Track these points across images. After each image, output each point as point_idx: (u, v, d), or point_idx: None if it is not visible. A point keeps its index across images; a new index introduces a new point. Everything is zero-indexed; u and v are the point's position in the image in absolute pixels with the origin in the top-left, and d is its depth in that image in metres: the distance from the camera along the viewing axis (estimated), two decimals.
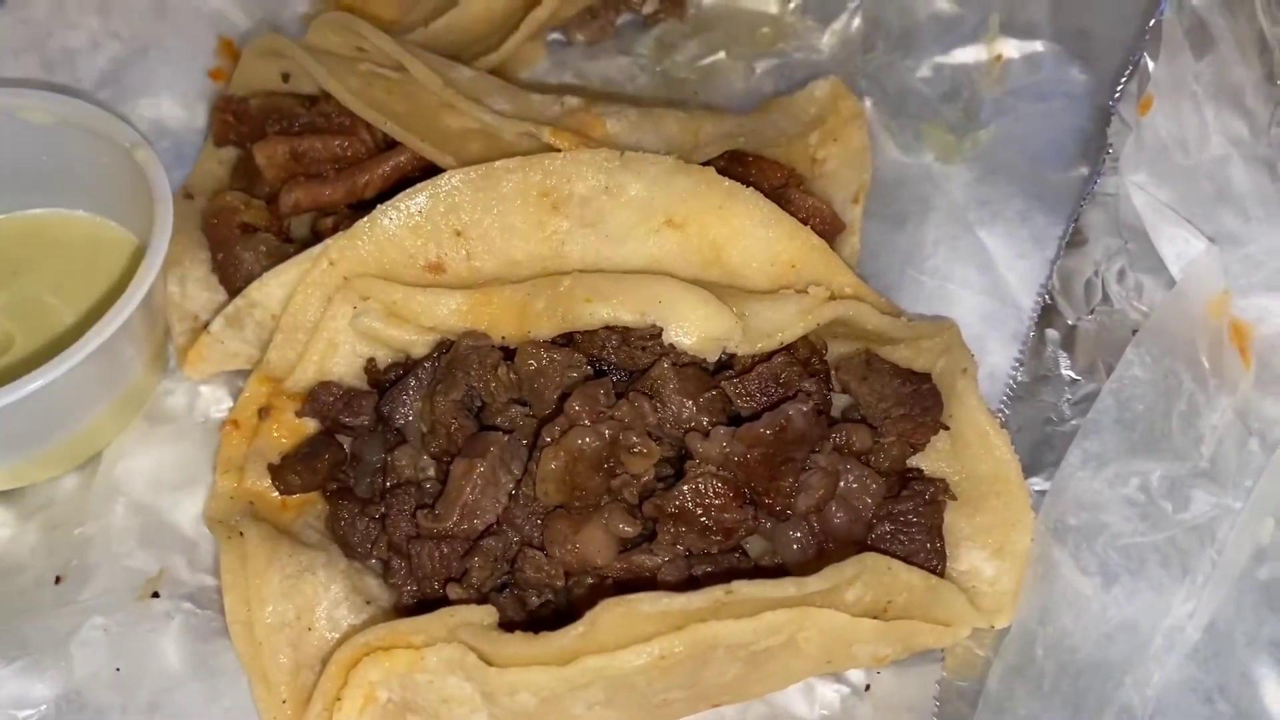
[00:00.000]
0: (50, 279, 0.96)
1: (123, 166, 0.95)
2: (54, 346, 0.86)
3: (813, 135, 1.06)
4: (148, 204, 0.92)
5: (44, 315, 0.94)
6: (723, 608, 0.69)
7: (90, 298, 0.95)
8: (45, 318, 0.94)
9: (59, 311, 0.95)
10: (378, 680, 0.73)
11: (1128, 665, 0.72)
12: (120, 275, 0.97)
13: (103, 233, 1.00)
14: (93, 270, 0.97)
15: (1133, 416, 0.80)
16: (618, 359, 0.84)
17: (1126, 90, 0.94)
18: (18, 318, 0.94)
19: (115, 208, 0.99)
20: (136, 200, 0.94)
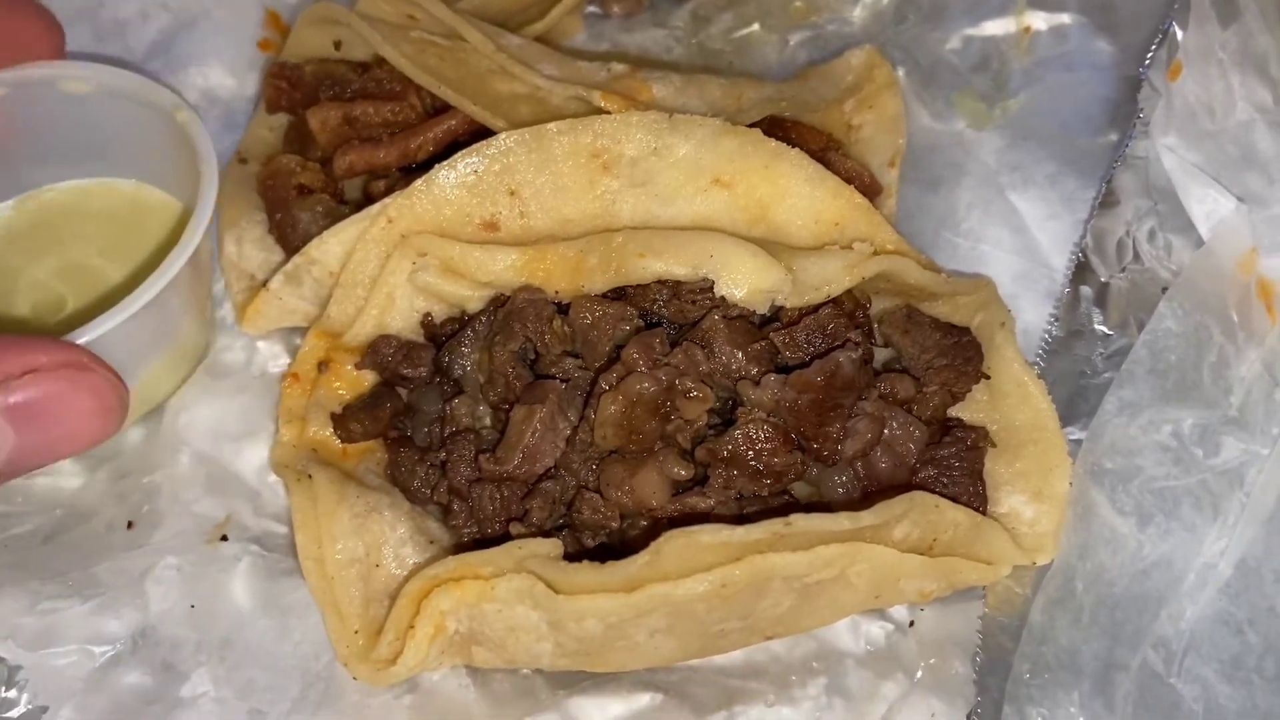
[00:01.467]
0: (98, 244, 0.99)
1: (165, 131, 0.96)
2: (104, 305, 0.87)
3: (848, 103, 1.09)
4: (192, 167, 0.93)
5: (93, 278, 0.97)
6: (780, 540, 0.72)
7: (137, 259, 0.97)
8: (95, 280, 0.96)
9: (107, 273, 0.97)
10: (448, 610, 0.76)
11: (1163, 599, 0.76)
12: (166, 237, 0.99)
13: (148, 198, 1.02)
14: (139, 234, 0.99)
15: (1165, 367, 0.83)
16: (668, 312, 0.87)
17: (1156, 57, 0.98)
18: (68, 281, 0.96)
19: (160, 173, 1.01)
20: (181, 164, 0.96)
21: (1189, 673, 0.74)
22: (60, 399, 0.62)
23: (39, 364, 0.61)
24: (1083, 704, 0.73)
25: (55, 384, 0.62)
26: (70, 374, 0.63)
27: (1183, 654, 0.75)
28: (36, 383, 0.61)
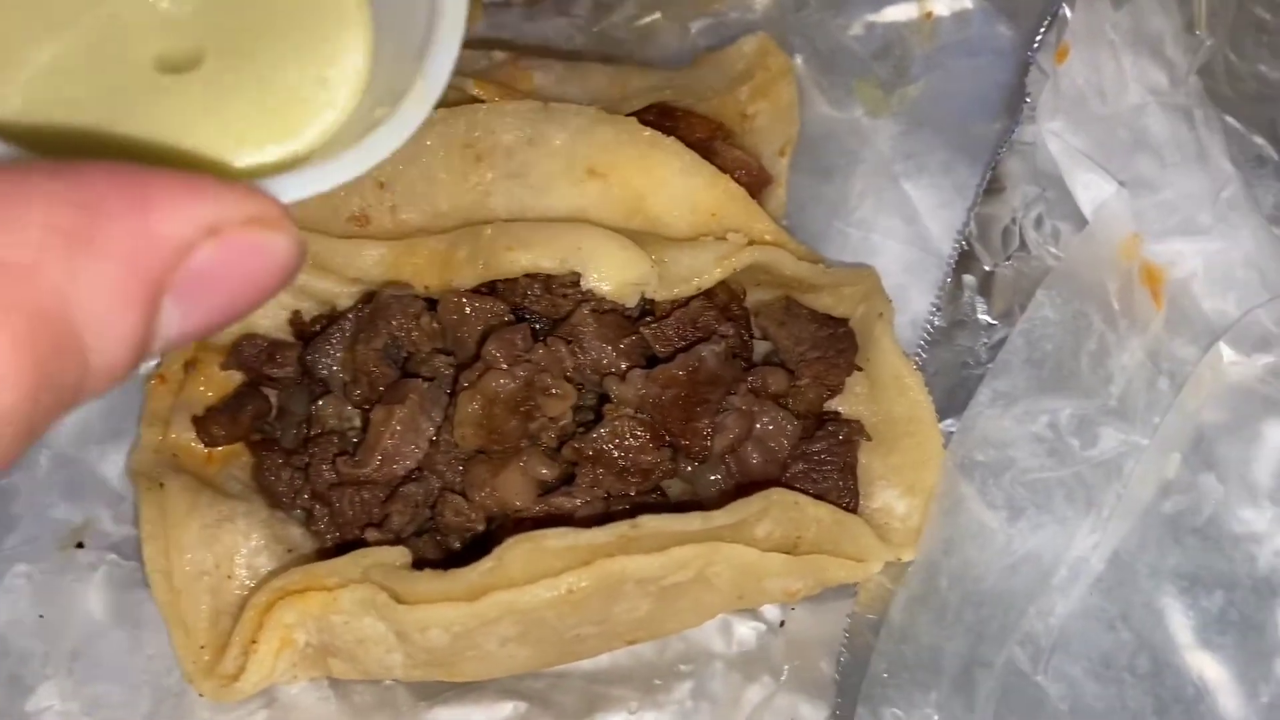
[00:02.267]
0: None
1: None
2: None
3: (743, 90, 1.07)
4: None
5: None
6: (630, 543, 0.70)
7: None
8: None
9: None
10: (293, 623, 0.73)
11: (1031, 595, 0.74)
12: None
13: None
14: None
15: (1042, 356, 0.81)
16: (540, 307, 0.85)
17: (1045, 40, 0.95)
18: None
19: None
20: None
21: (1056, 670, 0.72)
22: (238, 268, 0.43)
23: (224, 221, 0.42)
24: (940, 704, 0.71)
25: (236, 251, 0.43)
26: (257, 234, 0.43)
27: (1050, 651, 0.73)
28: (217, 249, 0.42)
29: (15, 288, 0.37)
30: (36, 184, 0.39)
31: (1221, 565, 0.76)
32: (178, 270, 0.41)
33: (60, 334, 0.38)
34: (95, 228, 0.39)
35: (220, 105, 0.56)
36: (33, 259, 0.38)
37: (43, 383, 0.38)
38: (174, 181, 0.42)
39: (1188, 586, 0.75)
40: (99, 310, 0.39)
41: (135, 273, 0.40)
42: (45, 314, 0.38)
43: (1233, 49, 0.99)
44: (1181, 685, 0.73)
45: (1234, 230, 0.88)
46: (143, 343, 0.41)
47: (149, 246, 0.40)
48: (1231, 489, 0.78)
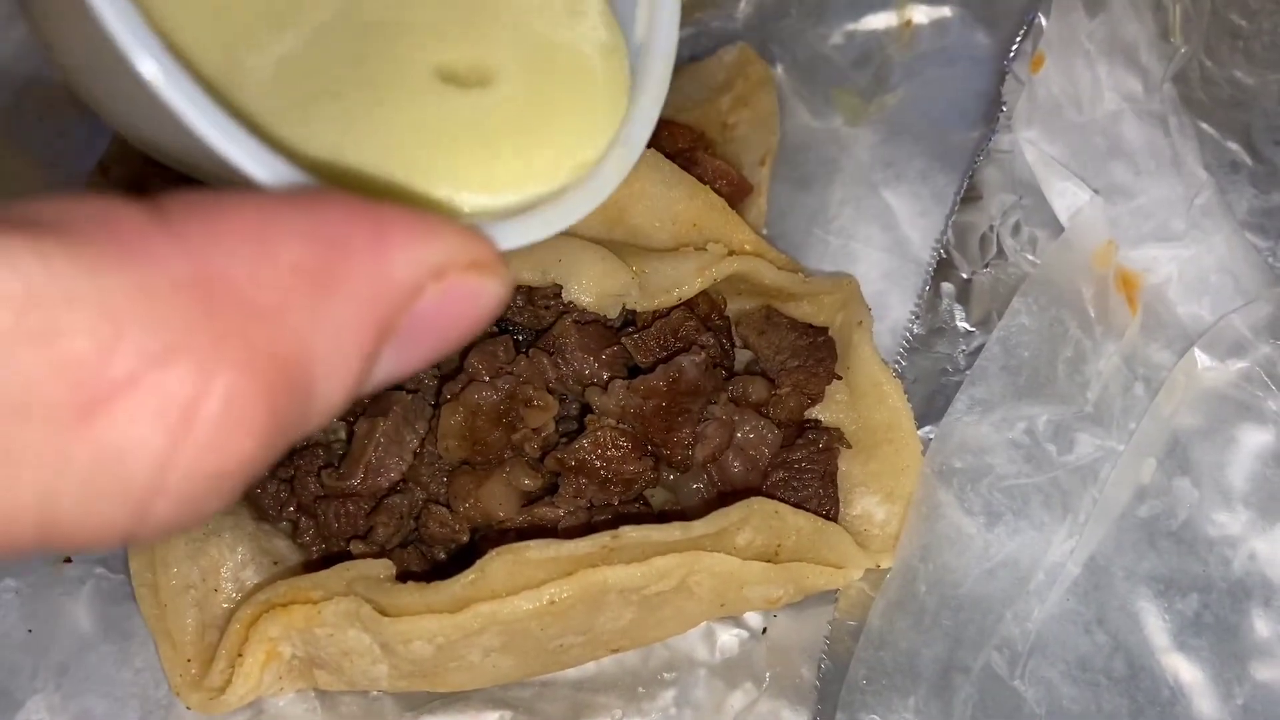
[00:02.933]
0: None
1: None
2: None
3: (724, 100, 1.08)
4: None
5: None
6: (611, 553, 0.71)
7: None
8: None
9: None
10: (278, 636, 0.74)
11: (1008, 600, 0.75)
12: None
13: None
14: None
15: (1019, 363, 0.82)
16: (522, 318, 0.85)
17: (1021, 49, 0.96)
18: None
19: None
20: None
21: (1033, 674, 0.73)
22: (453, 313, 0.41)
23: (449, 265, 0.40)
24: (919, 709, 0.72)
25: (455, 296, 0.41)
26: (475, 280, 0.41)
27: (1028, 655, 0.74)
28: (440, 294, 0.40)
29: (263, 331, 0.37)
30: (283, 219, 0.38)
31: (1196, 569, 0.77)
32: (404, 314, 0.40)
33: (298, 379, 0.37)
34: (338, 267, 0.38)
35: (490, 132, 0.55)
36: (280, 301, 0.37)
37: (276, 429, 0.37)
38: (409, 221, 0.40)
39: (1163, 590, 0.76)
40: (332, 354, 0.39)
41: (370, 317, 0.39)
42: (287, 359, 0.37)
43: (1207, 55, 1.01)
44: (1157, 688, 0.74)
45: (1208, 236, 0.89)
46: (360, 386, 0.40)
47: (385, 290, 0.40)
48: (1206, 493, 0.79)
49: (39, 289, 0.33)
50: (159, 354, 0.35)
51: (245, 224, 0.38)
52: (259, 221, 0.38)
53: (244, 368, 0.36)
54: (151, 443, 0.35)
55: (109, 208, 0.36)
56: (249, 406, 0.36)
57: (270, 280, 0.37)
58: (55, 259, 0.33)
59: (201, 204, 0.38)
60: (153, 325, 0.35)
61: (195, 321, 0.35)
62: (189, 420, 0.35)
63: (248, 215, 0.38)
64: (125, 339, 0.34)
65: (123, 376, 0.34)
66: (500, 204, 0.55)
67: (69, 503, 0.34)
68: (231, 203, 0.38)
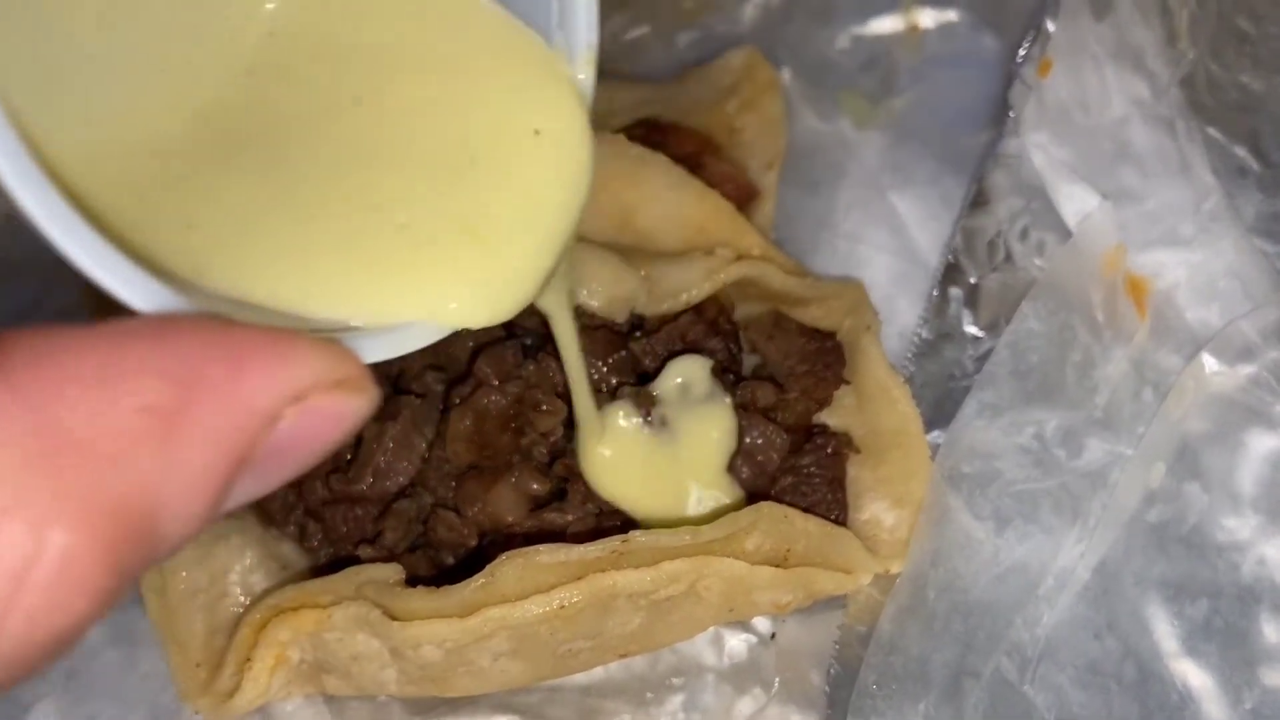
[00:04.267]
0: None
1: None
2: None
3: (731, 104, 1.08)
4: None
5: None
6: (621, 557, 0.71)
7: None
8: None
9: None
10: (287, 640, 0.74)
11: (1018, 605, 0.74)
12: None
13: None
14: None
15: (1027, 368, 0.82)
16: (530, 323, 0.85)
17: (1029, 54, 0.97)
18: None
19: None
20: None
21: (1043, 680, 0.73)
22: (314, 435, 0.40)
23: (311, 388, 0.39)
24: (929, 714, 0.71)
25: (317, 418, 0.40)
26: (339, 400, 0.40)
27: (1037, 661, 0.74)
28: (299, 418, 0.39)
29: (105, 482, 0.35)
30: (132, 356, 0.37)
31: (1206, 573, 0.77)
32: (261, 445, 0.39)
33: (142, 527, 0.36)
34: (190, 405, 0.37)
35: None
36: (124, 448, 0.35)
37: (116, 582, 0.36)
38: (267, 344, 0.39)
39: (1173, 595, 0.76)
40: (182, 495, 0.37)
41: (224, 455, 0.38)
42: (131, 508, 0.35)
43: (1214, 60, 1.01)
44: (1167, 693, 0.74)
45: (1216, 241, 0.89)
46: (212, 518, 0.39)
47: (241, 422, 0.38)
48: (1215, 498, 0.79)
49: None
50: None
51: (89, 366, 0.36)
52: (104, 362, 0.36)
53: (81, 524, 0.34)
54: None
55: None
56: (86, 565, 0.34)
57: (114, 426, 0.35)
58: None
59: (44, 347, 0.36)
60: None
61: (30, 479, 0.34)
62: (19, 585, 0.34)
63: (93, 356, 0.36)
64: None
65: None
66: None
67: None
68: (77, 342, 0.36)
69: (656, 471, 0.78)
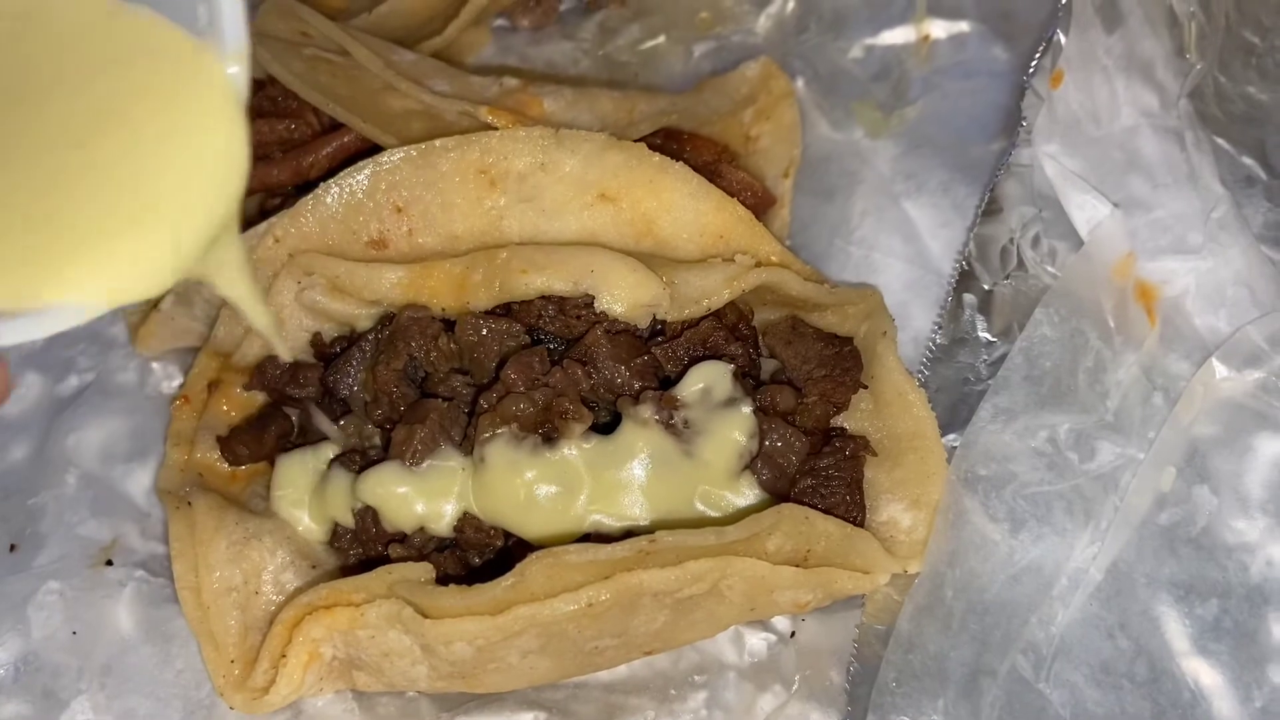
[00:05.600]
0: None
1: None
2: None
3: (747, 113, 1.10)
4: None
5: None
6: (647, 557, 0.73)
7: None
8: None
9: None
10: (320, 637, 0.76)
11: (1033, 604, 0.76)
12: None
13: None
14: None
15: (1041, 373, 0.84)
16: (554, 328, 0.87)
17: (1040, 65, 0.98)
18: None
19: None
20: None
21: (1058, 678, 0.75)
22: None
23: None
24: (948, 711, 0.73)
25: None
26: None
27: (1052, 659, 0.76)
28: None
29: None
30: None
31: (1215, 574, 0.79)
32: None
33: None
34: None
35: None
36: None
37: None
38: None
39: (1183, 595, 0.78)
40: None
41: None
42: None
43: (1222, 71, 1.03)
44: (1178, 691, 0.76)
45: (1224, 249, 0.91)
46: None
47: None
48: (1224, 501, 0.81)
49: None
50: None
51: None
52: None
53: None
54: None
55: None
56: None
57: None
58: None
59: None
60: None
61: None
62: None
63: None
64: None
65: None
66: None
67: None
68: None
69: (678, 474, 0.80)
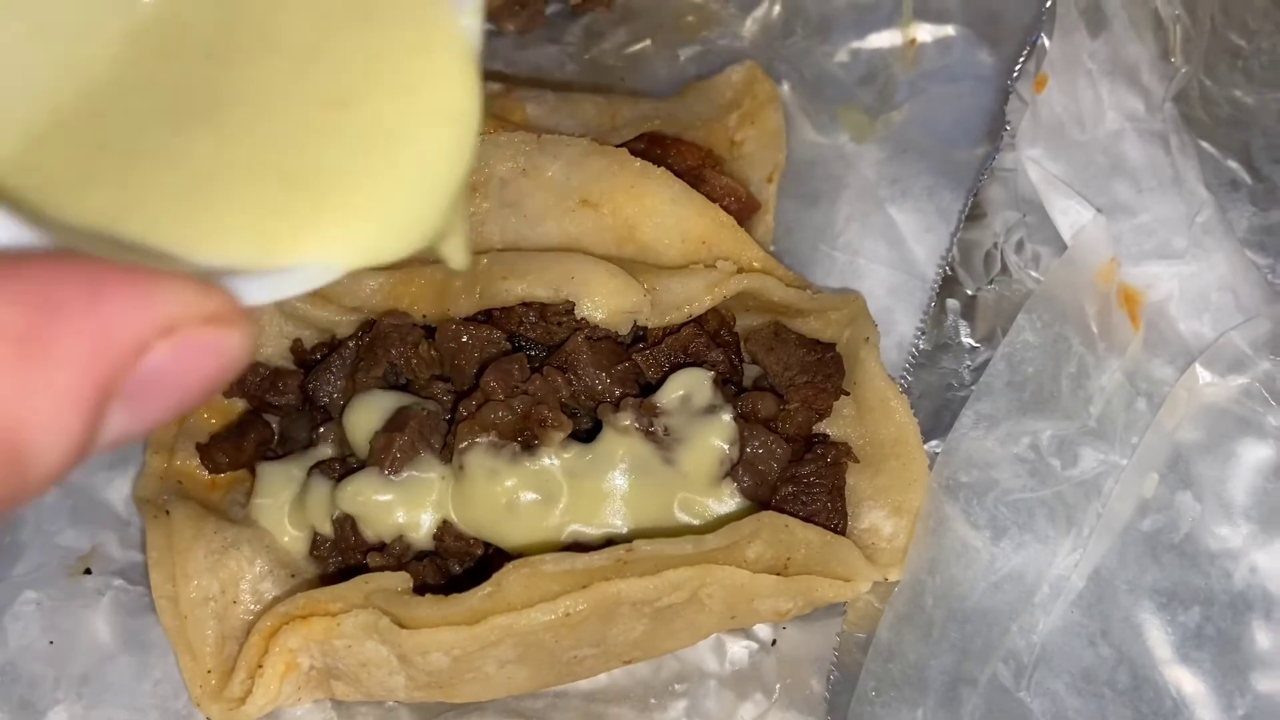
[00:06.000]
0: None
1: None
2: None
3: (732, 118, 1.09)
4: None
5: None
6: (625, 566, 0.72)
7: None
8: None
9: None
10: (297, 647, 0.75)
11: (1014, 612, 0.76)
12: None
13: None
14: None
15: (1023, 379, 0.83)
16: (535, 334, 0.87)
17: (1025, 69, 0.98)
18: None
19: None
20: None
21: (1039, 686, 0.74)
22: (190, 369, 0.39)
23: (180, 320, 0.39)
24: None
25: (190, 352, 0.39)
26: (212, 334, 0.40)
27: (1033, 667, 0.75)
28: (171, 350, 0.38)
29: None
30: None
31: (1198, 581, 0.78)
32: (130, 373, 0.38)
33: (7, 451, 0.35)
34: (50, 330, 0.36)
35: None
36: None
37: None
38: (128, 276, 0.39)
39: (1166, 602, 0.78)
40: (47, 421, 0.36)
41: (88, 378, 0.37)
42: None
43: (1207, 75, 1.02)
44: (1160, 699, 0.75)
45: (1209, 254, 0.91)
46: (84, 449, 0.38)
47: (104, 348, 0.37)
48: (1208, 507, 0.81)
49: None
50: None
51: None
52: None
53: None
54: None
55: None
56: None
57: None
58: None
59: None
60: None
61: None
62: None
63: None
64: None
65: None
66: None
67: None
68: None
69: (658, 481, 0.80)
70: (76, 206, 0.48)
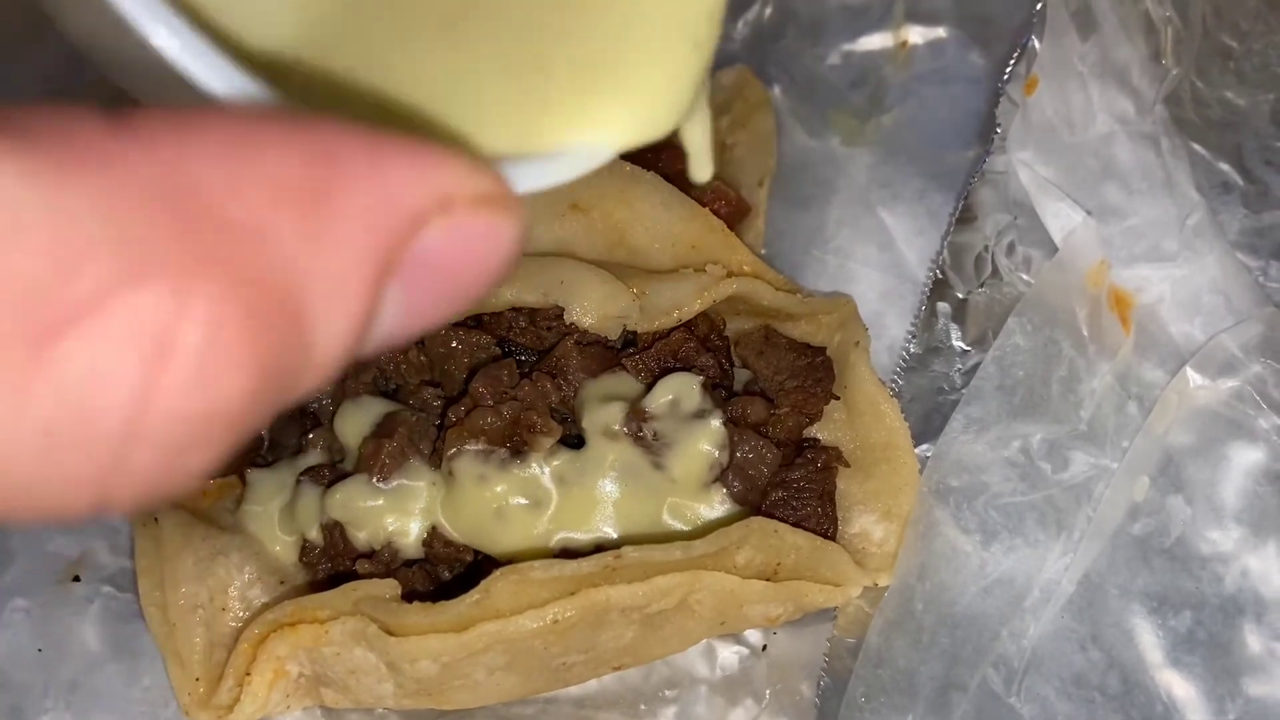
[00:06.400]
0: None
1: None
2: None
3: (722, 122, 1.09)
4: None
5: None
6: (614, 572, 0.72)
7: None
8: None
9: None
10: (285, 655, 0.75)
11: (1004, 617, 0.76)
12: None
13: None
14: None
15: (1014, 382, 0.83)
16: (525, 339, 0.87)
17: (1015, 72, 0.98)
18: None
19: None
20: None
21: (1029, 691, 0.74)
22: (466, 253, 0.36)
23: (457, 195, 0.35)
24: None
25: (466, 232, 0.36)
26: (488, 216, 0.36)
27: (1023, 672, 0.75)
28: (448, 228, 0.35)
29: (247, 253, 0.31)
30: (268, 132, 0.33)
31: (1189, 585, 0.78)
32: (408, 247, 0.34)
33: (290, 311, 0.32)
34: (332, 184, 0.33)
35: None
36: (266, 220, 0.31)
37: (269, 369, 0.31)
38: (407, 145, 0.35)
39: (1156, 607, 0.78)
40: (329, 285, 0.33)
41: (371, 244, 0.33)
42: (276, 286, 0.31)
43: (1199, 76, 1.02)
44: (1151, 704, 0.75)
45: (1200, 256, 0.90)
46: (362, 331, 0.34)
47: (385, 215, 0.34)
48: (1198, 510, 0.80)
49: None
50: (127, 272, 0.29)
51: (225, 133, 0.32)
52: (240, 132, 0.32)
53: (227, 292, 0.30)
54: (124, 374, 0.29)
55: (66, 113, 0.31)
56: (235, 337, 0.30)
57: (254, 196, 0.31)
58: (2, 167, 0.28)
59: (173, 113, 0.32)
60: (119, 239, 0.29)
61: (168, 237, 0.30)
62: (166, 349, 0.29)
63: (228, 125, 0.33)
64: (86, 255, 0.29)
65: (85, 298, 0.28)
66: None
67: (27, 456, 0.29)
68: (208, 114, 0.33)
69: (647, 487, 0.80)
70: (341, 94, 0.46)
